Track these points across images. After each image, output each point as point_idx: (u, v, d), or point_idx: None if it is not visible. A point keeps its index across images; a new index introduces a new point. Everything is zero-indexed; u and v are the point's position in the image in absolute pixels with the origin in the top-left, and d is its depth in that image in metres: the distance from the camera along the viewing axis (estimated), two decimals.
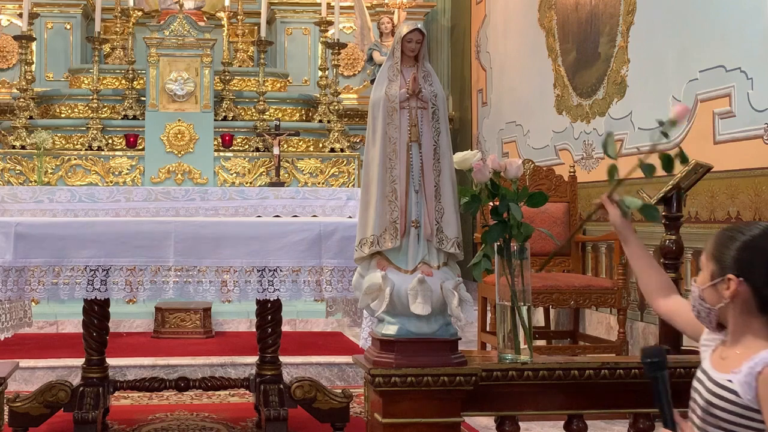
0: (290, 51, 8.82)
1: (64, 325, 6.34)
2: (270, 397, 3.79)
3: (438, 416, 2.43)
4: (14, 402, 3.68)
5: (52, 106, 7.84)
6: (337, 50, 7.77)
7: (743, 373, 1.88)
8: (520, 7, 7.53)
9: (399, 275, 2.45)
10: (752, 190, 4.32)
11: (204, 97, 7.43)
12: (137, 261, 3.25)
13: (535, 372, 2.48)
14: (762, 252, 1.95)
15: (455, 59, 9.47)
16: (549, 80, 6.79)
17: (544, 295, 4.84)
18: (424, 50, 2.56)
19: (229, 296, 3.31)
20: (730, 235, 2.01)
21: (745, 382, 1.88)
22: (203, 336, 6.19)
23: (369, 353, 2.52)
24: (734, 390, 1.91)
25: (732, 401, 1.91)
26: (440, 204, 2.47)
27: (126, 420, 4.16)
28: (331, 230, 3.35)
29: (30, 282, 3.22)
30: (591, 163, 6.07)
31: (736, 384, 1.90)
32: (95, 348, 3.84)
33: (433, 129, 2.51)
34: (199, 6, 8.25)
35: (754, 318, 1.96)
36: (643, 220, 5.26)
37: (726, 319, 2.02)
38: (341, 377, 5.13)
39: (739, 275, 1.95)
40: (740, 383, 1.89)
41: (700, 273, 2.08)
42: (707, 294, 2.02)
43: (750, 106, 4.35)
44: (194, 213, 6.28)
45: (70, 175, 7.28)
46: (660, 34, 5.24)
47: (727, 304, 1.98)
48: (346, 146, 7.76)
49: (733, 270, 1.96)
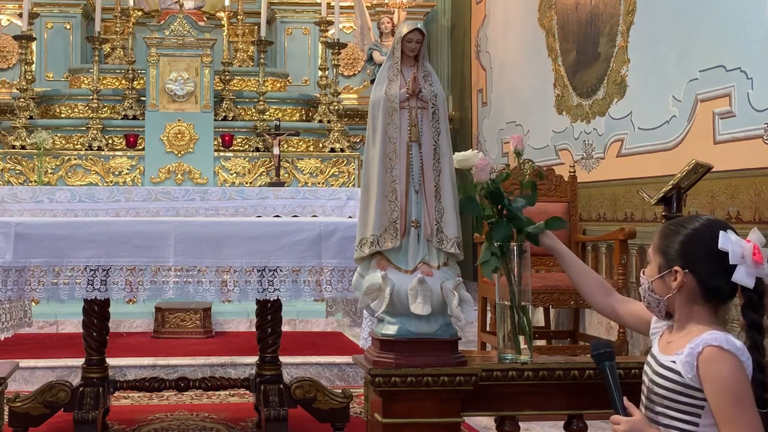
0: (290, 51, 8.82)
1: (64, 325, 6.35)
2: (270, 397, 3.79)
3: (438, 416, 2.43)
4: (14, 402, 3.68)
5: (52, 106, 7.84)
6: (337, 50, 7.77)
7: (685, 353, 2.02)
8: (520, 7, 7.52)
9: (399, 275, 2.45)
10: (752, 190, 4.32)
11: (204, 97, 7.43)
12: (137, 261, 3.25)
13: (535, 372, 2.48)
14: (704, 244, 2.08)
15: (455, 59, 9.47)
16: (549, 80, 6.79)
17: (544, 295, 4.84)
18: (424, 50, 2.56)
19: (229, 296, 3.31)
20: (674, 229, 2.14)
21: (687, 362, 2.01)
22: (203, 336, 6.20)
23: (369, 353, 2.52)
24: (677, 370, 2.04)
25: (674, 380, 2.05)
26: (440, 204, 2.47)
27: (126, 420, 4.16)
28: (331, 230, 3.35)
29: (30, 282, 3.22)
30: (591, 163, 6.07)
31: (679, 364, 2.04)
32: (95, 348, 3.84)
33: (433, 129, 2.51)
34: (199, 6, 8.25)
35: (698, 306, 2.10)
36: (644, 219, 5.28)
37: (674, 307, 2.15)
38: (341, 377, 5.13)
39: (685, 267, 2.09)
40: (682, 363, 2.02)
41: (648, 266, 2.22)
42: (656, 285, 2.17)
43: (750, 106, 4.35)
44: (194, 213, 6.27)
45: (70, 175, 7.28)
46: (660, 34, 5.24)
47: (674, 294, 2.12)
48: (346, 146, 7.76)
49: (678, 262, 2.10)
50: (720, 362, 1.98)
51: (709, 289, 2.08)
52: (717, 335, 2.01)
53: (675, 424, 2.06)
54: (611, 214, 5.74)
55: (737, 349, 1.99)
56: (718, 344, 1.99)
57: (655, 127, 5.26)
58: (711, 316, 2.10)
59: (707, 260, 2.06)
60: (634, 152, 5.51)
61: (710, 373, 1.98)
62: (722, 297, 2.10)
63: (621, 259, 5.03)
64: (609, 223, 5.72)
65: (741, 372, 1.98)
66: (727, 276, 2.05)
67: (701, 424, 2.02)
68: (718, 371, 1.97)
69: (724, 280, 2.06)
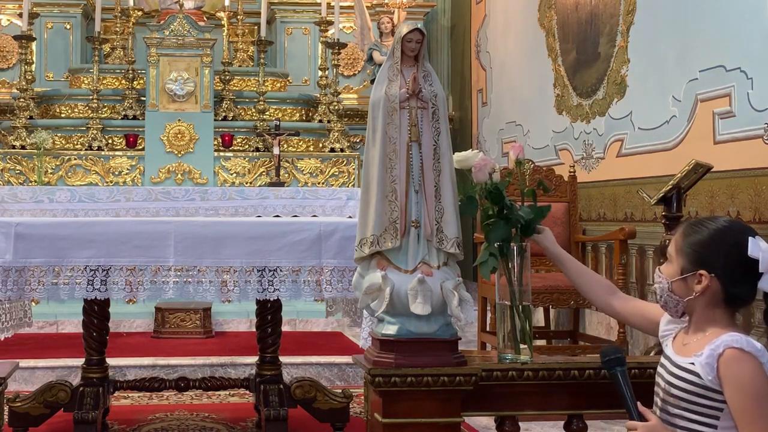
0: (290, 51, 8.82)
1: (64, 325, 6.35)
2: (270, 397, 3.79)
3: (438, 416, 2.43)
4: (14, 402, 3.68)
5: (52, 106, 7.84)
6: (337, 50, 7.77)
7: (705, 355, 2.00)
8: (520, 7, 7.52)
9: (399, 275, 2.45)
10: (752, 190, 4.32)
11: (204, 97, 7.43)
12: (137, 261, 3.25)
13: (535, 372, 2.48)
14: (733, 250, 2.05)
15: (455, 59, 9.47)
16: (549, 80, 6.79)
17: (544, 295, 4.84)
18: (424, 50, 2.56)
19: (229, 296, 3.31)
20: (699, 230, 2.11)
21: (707, 363, 2.00)
22: (203, 336, 6.19)
23: (369, 353, 2.52)
24: (696, 372, 2.02)
25: (693, 382, 2.03)
26: (440, 204, 2.47)
27: (126, 420, 4.16)
28: (331, 230, 3.35)
29: (30, 282, 3.22)
30: (591, 163, 6.07)
31: (698, 366, 2.02)
32: (95, 348, 3.84)
33: (433, 129, 2.50)
34: (199, 6, 8.25)
35: (719, 309, 2.08)
36: (644, 219, 5.27)
37: (692, 309, 2.12)
38: (341, 377, 5.13)
39: (711, 271, 2.06)
40: (702, 365, 2.01)
41: (666, 264, 2.18)
42: (676, 286, 2.13)
43: (750, 106, 4.35)
44: (194, 213, 6.28)
45: (70, 175, 7.28)
46: (660, 34, 5.24)
47: (695, 297, 2.09)
48: (346, 146, 7.76)
49: (704, 266, 2.07)
50: (741, 364, 1.96)
51: (732, 294, 2.06)
52: (737, 337, 2.00)
53: (693, 427, 2.05)
54: (611, 214, 5.74)
55: (758, 351, 1.98)
56: (739, 346, 1.98)
57: (655, 127, 5.26)
58: (730, 319, 2.09)
59: (735, 267, 2.04)
60: (634, 152, 5.51)
61: (731, 374, 1.96)
62: (744, 302, 2.09)
63: (621, 259, 5.03)
64: (609, 223, 5.72)
65: (762, 374, 1.96)
66: (753, 282, 2.03)
67: (720, 427, 2.01)
68: (738, 373, 1.96)
69: (748, 286, 2.05)
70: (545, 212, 2.54)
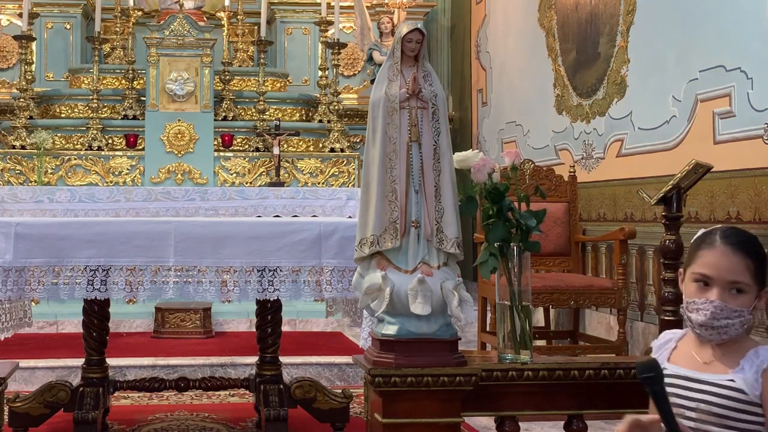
0: (290, 51, 8.82)
1: (64, 325, 6.35)
2: (270, 397, 3.79)
3: (438, 416, 2.43)
4: (14, 402, 3.68)
5: (52, 106, 7.84)
6: (337, 50, 7.77)
7: (749, 370, 1.98)
8: (520, 7, 7.53)
9: (399, 275, 2.45)
10: (752, 190, 4.32)
11: (204, 97, 7.43)
12: (137, 261, 3.25)
13: (535, 372, 2.48)
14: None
15: (455, 59, 9.47)
16: (549, 80, 6.79)
17: (544, 295, 4.84)
18: (424, 50, 2.56)
19: (229, 296, 3.31)
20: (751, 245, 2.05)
21: (753, 379, 1.97)
22: (203, 336, 6.19)
23: (369, 353, 2.52)
24: (739, 388, 1.99)
25: (736, 399, 1.99)
26: (440, 204, 2.47)
27: (126, 420, 4.16)
28: (331, 230, 3.35)
29: (30, 282, 3.22)
30: (591, 163, 6.07)
31: (741, 382, 1.98)
32: (95, 348, 3.84)
33: (433, 129, 2.51)
34: (199, 6, 8.25)
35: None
36: (644, 219, 5.27)
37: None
38: (341, 377, 5.13)
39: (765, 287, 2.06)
40: (746, 381, 1.98)
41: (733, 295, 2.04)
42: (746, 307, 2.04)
43: (750, 106, 4.35)
44: (194, 213, 6.28)
45: (70, 175, 7.28)
46: (660, 34, 5.24)
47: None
48: (346, 146, 7.76)
49: (763, 284, 2.05)
50: None
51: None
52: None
53: None
54: (611, 214, 5.74)
55: None
56: None
57: (655, 127, 5.26)
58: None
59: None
60: (634, 152, 5.51)
61: None
62: None
63: (621, 259, 5.03)
64: (609, 223, 5.72)
65: None
66: None
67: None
68: None
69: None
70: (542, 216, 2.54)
